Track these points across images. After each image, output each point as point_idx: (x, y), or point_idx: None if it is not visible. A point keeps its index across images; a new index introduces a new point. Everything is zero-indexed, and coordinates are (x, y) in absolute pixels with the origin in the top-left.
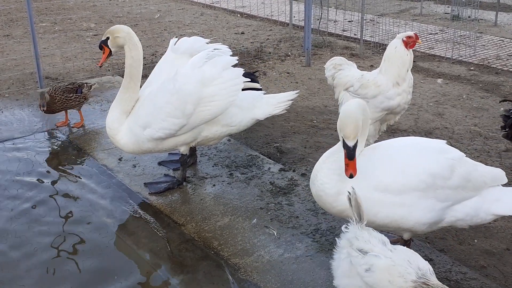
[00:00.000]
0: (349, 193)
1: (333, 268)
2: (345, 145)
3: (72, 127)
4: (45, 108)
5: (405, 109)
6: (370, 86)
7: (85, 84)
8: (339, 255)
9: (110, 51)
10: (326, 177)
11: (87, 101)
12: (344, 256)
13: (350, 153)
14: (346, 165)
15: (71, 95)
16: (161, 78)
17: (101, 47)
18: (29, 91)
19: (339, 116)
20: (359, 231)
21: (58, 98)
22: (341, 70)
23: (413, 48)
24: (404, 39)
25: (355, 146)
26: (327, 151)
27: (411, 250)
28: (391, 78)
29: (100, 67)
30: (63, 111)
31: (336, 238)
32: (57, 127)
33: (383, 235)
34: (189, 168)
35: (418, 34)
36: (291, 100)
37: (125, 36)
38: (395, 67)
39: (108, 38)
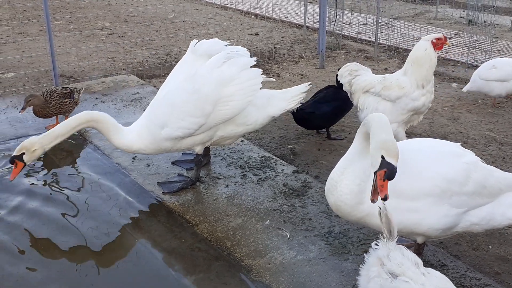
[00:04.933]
0: (380, 209)
1: (360, 285)
2: (387, 164)
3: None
4: (23, 111)
5: (429, 108)
6: (394, 87)
7: (75, 89)
8: (367, 272)
9: (25, 164)
10: (347, 189)
11: (77, 106)
12: (373, 274)
13: (394, 172)
14: (381, 186)
15: (66, 100)
16: (179, 78)
17: (12, 162)
18: (44, 88)
19: (379, 135)
20: (392, 251)
21: (53, 102)
22: (358, 75)
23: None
24: (434, 40)
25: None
26: (341, 160)
27: (444, 276)
28: (418, 80)
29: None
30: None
31: (349, 242)
32: (48, 130)
33: (416, 255)
34: (203, 168)
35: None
36: (305, 92)
37: (45, 144)
38: (424, 70)
39: (23, 153)
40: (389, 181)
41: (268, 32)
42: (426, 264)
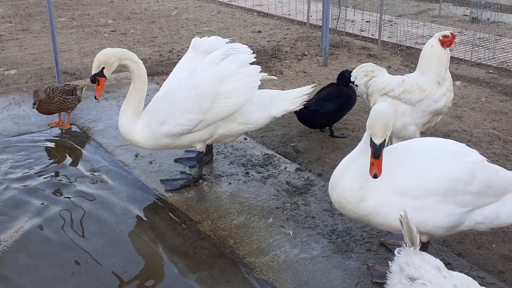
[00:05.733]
0: (401, 217)
1: None
2: (372, 143)
3: (59, 128)
4: (36, 106)
5: (449, 108)
6: (414, 91)
7: (78, 86)
8: (392, 281)
9: (106, 78)
10: (348, 185)
11: (79, 103)
12: (395, 281)
13: (376, 151)
14: (371, 164)
15: (68, 97)
16: (180, 75)
17: (95, 81)
18: (47, 85)
19: (370, 116)
20: (410, 257)
21: (56, 99)
22: (374, 77)
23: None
24: (441, 38)
25: (381, 144)
26: (346, 157)
27: (468, 277)
28: (432, 78)
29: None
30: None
31: (352, 240)
32: (51, 127)
33: (438, 260)
34: (205, 166)
35: (454, 34)
36: (307, 94)
37: (120, 56)
38: (433, 66)
39: (103, 68)
40: (396, 177)
41: (271, 30)
42: None
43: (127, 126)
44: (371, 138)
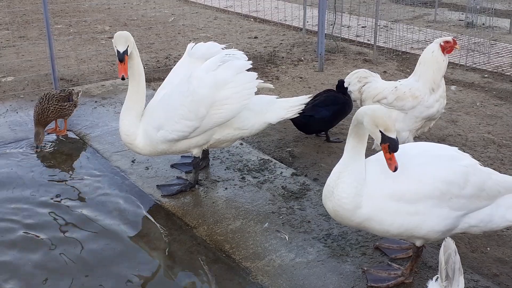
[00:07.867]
0: (444, 243)
1: None
2: (388, 139)
3: (56, 134)
4: (39, 150)
5: (442, 113)
6: (407, 98)
7: (73, 91)
8: None
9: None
10: (344, 192)
11: (76, 109)
12: None
13: (396, 145)
14: (389, 159)
15: (65, 103)
16: (176, 81)
17: (124, 59)
18: (44, 92)
19: (370, 115)
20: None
21: (52, 107)
22: (368, 82)
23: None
24: (442, 43)
25: (397, 138)
26: (336, 166)
27: None
28: (427, 84)
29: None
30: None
31: (347, 245)
32: (48, 133)
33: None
34: (202, 171)
35: (455, 39)
36: (304, 104)
37: (132, 41)
38: (431, 72)
39: (128, 46)
40: (390, 179)
41: (267, 35)
42: (425, 266)
43: (129, 127)
44: (383, 135)
